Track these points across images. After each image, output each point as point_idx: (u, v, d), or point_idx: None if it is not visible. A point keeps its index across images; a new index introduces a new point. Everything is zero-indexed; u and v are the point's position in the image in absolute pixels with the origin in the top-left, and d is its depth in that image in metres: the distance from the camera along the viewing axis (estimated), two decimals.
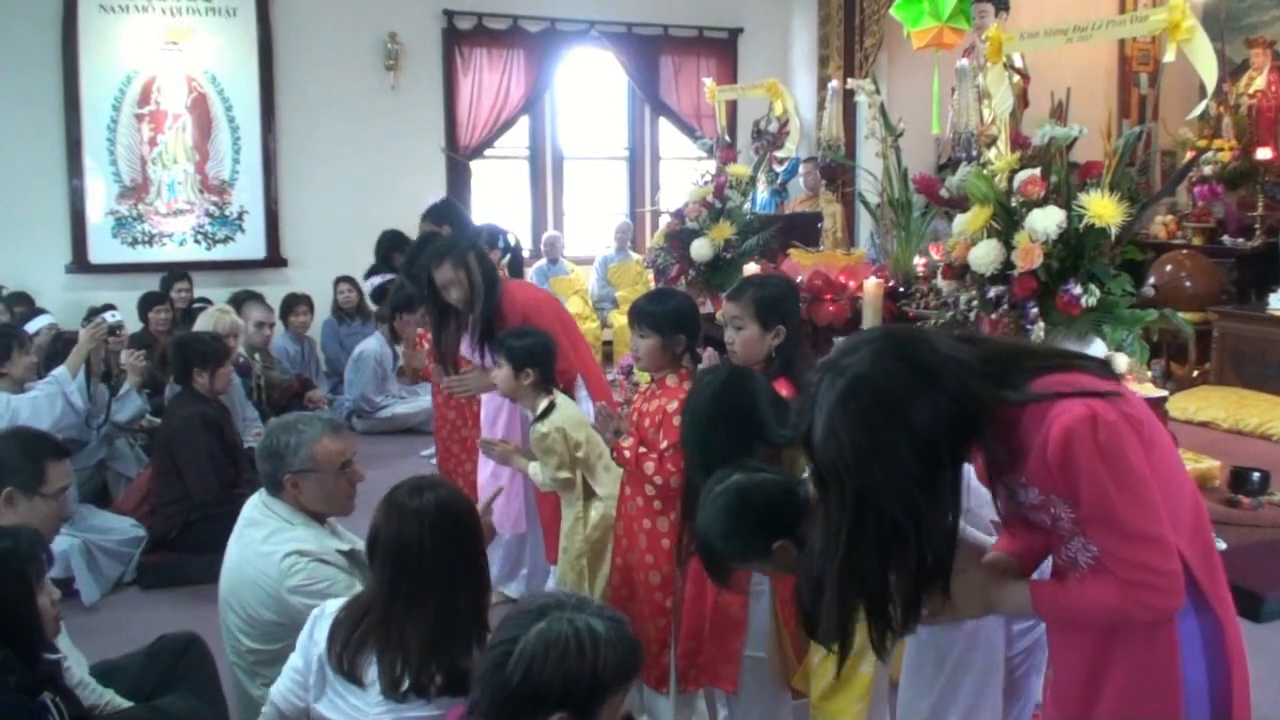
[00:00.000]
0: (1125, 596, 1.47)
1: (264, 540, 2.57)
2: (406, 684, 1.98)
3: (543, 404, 3.17)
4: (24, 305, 6.17)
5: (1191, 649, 1.53)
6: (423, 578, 2.01)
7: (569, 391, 3.48)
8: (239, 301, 6.09)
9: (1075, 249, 3.29)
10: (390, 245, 6.24)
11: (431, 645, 1.99)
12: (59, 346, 4.84)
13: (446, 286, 3.57)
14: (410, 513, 2.05)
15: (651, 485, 2.76)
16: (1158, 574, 1.46)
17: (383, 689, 2.00)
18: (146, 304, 6.18)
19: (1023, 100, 6.50)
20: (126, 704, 2.49)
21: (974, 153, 3.86)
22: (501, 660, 1.53)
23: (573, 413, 3.20)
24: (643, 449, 2.77)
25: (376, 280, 6.31)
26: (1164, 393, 4.14)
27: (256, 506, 2.66)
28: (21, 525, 2.29)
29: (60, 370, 4.16)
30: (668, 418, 2.75)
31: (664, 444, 2.74)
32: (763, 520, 1.86)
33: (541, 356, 3.18)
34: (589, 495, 3.15)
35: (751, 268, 4.70)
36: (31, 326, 5.10)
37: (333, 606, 2.16)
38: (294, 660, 2.19)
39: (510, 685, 1.52)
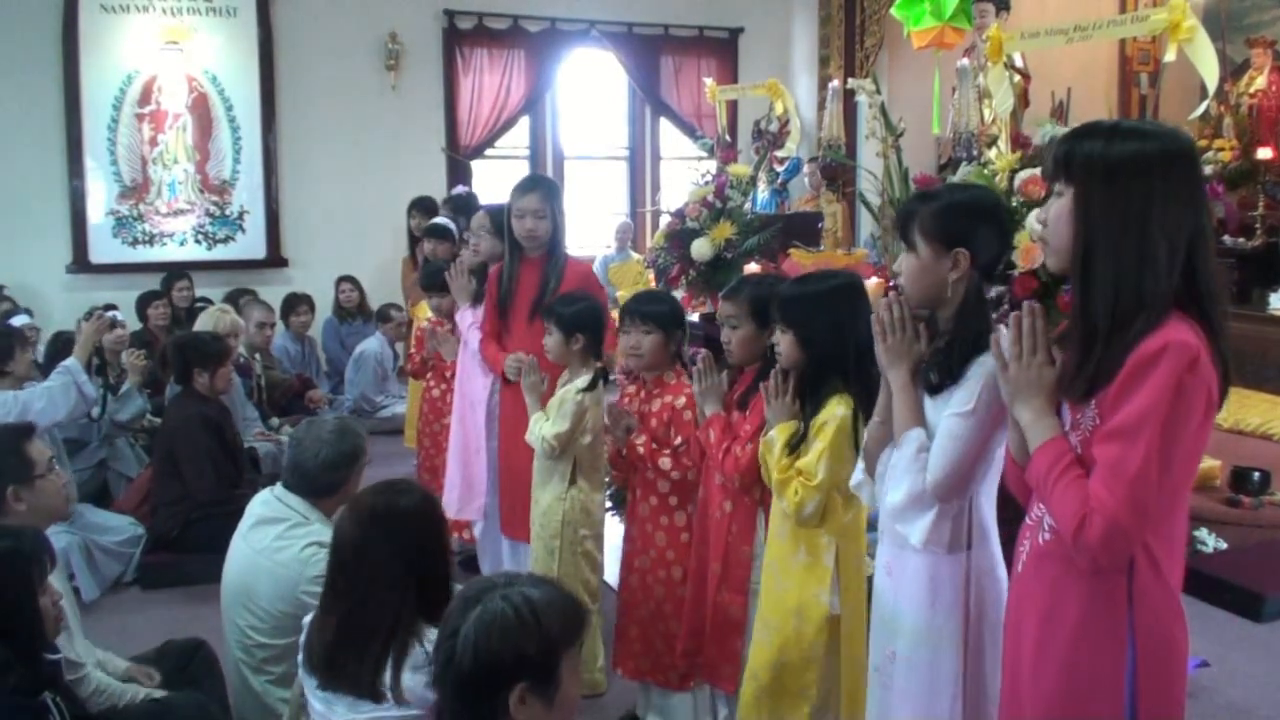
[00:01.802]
0: (1080, 515, 1.43)
1: (279, 535, 2.61)
2: (357, 682, 1.98)
3: (589, 372, 3.09)
4: None
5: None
6: (357, 578, 2.03)
7: None
8: (239, 301, 6.09)
9: None
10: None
11: (369, 644, 1.99)
12: (59, 347, 4.85)
13: (526, 215, 3.36)
14: (363, 514, 2.07)
15: (667, 481, 2.82)
16: (1117, 523, 1.41)
17: (334, 688, 2.02)
18: (144, 302, 6.19)
19: (1023, 100, 6.49)
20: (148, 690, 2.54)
21: (974, 152, 3.85)
22: (450, 653, 1.58)
23: (602, 399, 3.19)
24: (655, 446, 2.80)
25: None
26: None
27: (269, 503, 2.68)
28: (25, 526, 2.30)
29: (70, 361, 4.18)
30: (677, 414, 2.79)
31: (678, 440, 2.77)
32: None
33: (591, 323, 3.09)
34: (572, 480, 3.13)
35: (752, 268, 4.70)
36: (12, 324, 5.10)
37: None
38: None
39: (463, 672, 1.56)
